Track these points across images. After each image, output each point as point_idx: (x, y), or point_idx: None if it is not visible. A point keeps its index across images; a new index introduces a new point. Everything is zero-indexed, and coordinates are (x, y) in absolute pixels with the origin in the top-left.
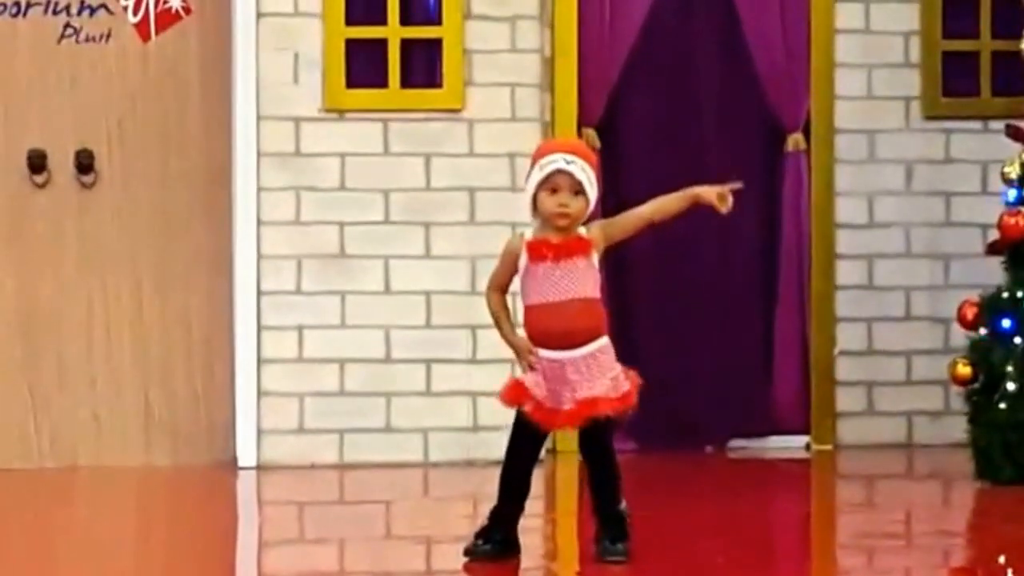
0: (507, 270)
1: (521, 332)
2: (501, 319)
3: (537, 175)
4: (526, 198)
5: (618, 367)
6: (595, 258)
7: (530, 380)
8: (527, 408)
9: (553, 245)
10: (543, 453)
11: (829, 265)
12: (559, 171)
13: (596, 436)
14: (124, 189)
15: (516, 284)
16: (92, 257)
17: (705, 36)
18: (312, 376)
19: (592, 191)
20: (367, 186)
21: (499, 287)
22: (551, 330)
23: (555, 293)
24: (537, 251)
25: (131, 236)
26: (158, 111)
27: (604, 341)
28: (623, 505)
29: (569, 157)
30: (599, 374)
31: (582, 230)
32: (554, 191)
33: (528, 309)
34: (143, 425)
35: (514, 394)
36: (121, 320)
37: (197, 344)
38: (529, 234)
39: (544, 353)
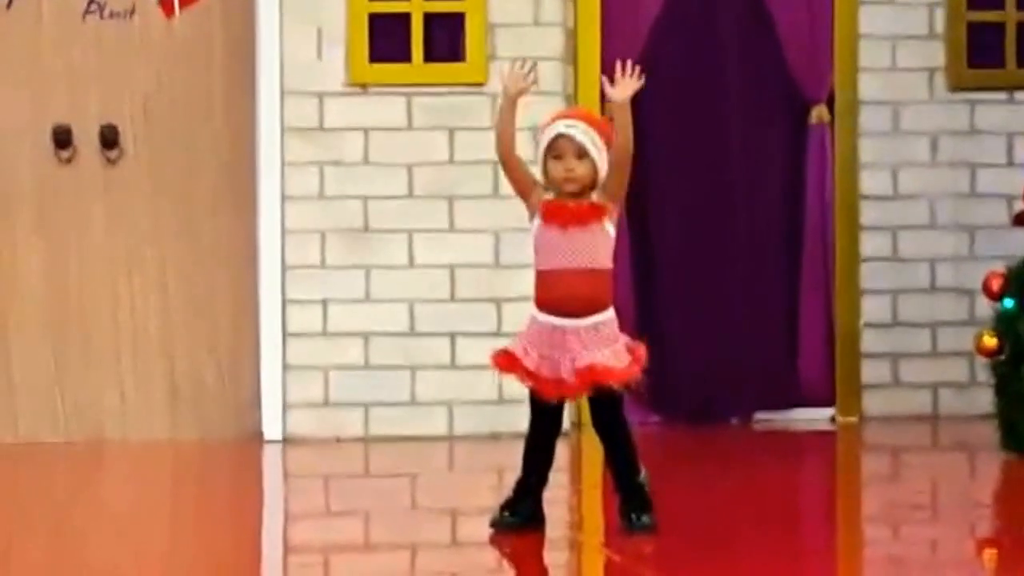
0: (525, 169)
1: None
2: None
3: (541, 144)
4: (538, 172)
5: (621, 339)
6: (609, 225)
7: (518, 348)
8: (519, 376)
9: (567, 210)
10: (567, 425)
11: (854, 237)
12: (560, 135)
13: (605, 410)
14: (149, 164)
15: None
16: (117, 231)
17: (729, 9)
18: (337, 350)
19: (599, 155)
20: (391, 160)
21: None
22: (557, 296)
23: (564, 259)
24: (551, 213)
25: (156, 211)
26: (182, 86)
27: (609, 314)
28: (642, 476)
29: (569, 122)
30: (600, 344)
31: (593, 196)
32: (558, 157)
33: (539, 274)
34: (169, 399)
35: (504, 361)
36: (147, 295)
37: (223, 318)
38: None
39: (547, 318)
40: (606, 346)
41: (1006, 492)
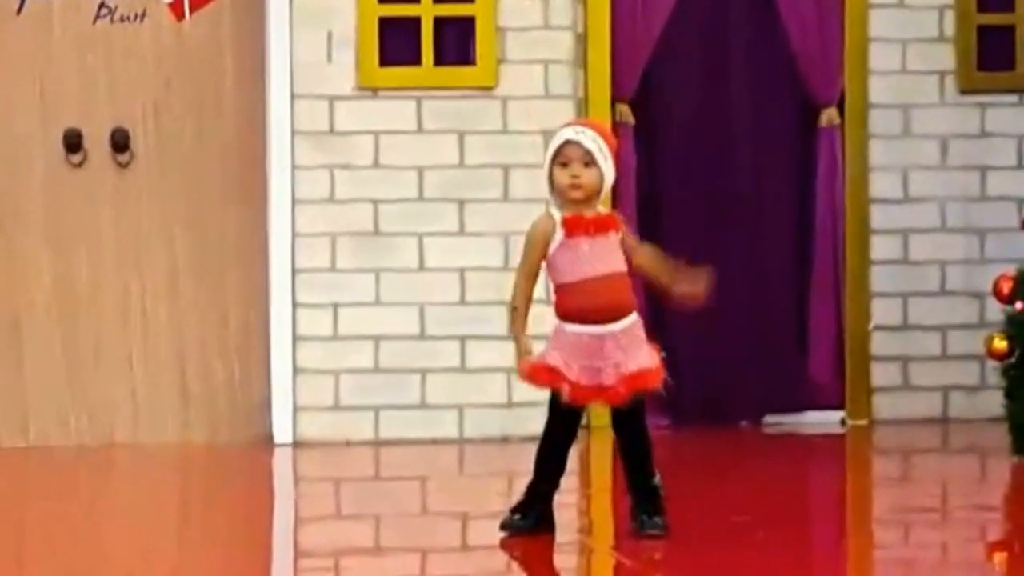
0: (539, 252)
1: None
2: (519, 313)
3: (549, 152)
4: (544, 180)
5: (648, 342)
6: (620, 235)
7: (559, 360)
8: (565, 390)
9: (589, 221)
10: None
11: (864, 240)
12: (568, 142)
13: (631, 411)
14: (159, 168)
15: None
16: (128, 235)
17: (739, 11)
18: (347, 353)
19: (606, 164)
20: (401, 164)
21: (532, 273)
22: (593, 305)
23: (596, 268)
24: (576, 226)
25: (167, 214)
26: (192, 90)
27: (635, 316)
28: (657, 479)
29: (578, 129)
30: (637, 347)
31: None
32: (565, 164)
33: (565, 287)
34: (180, 403)
35: (548, 377)
36: (157, 298)
37: (233, 322)
38: (556, 212)
39: (582, 329)
40: (641, 348)
41: (1016, 496)
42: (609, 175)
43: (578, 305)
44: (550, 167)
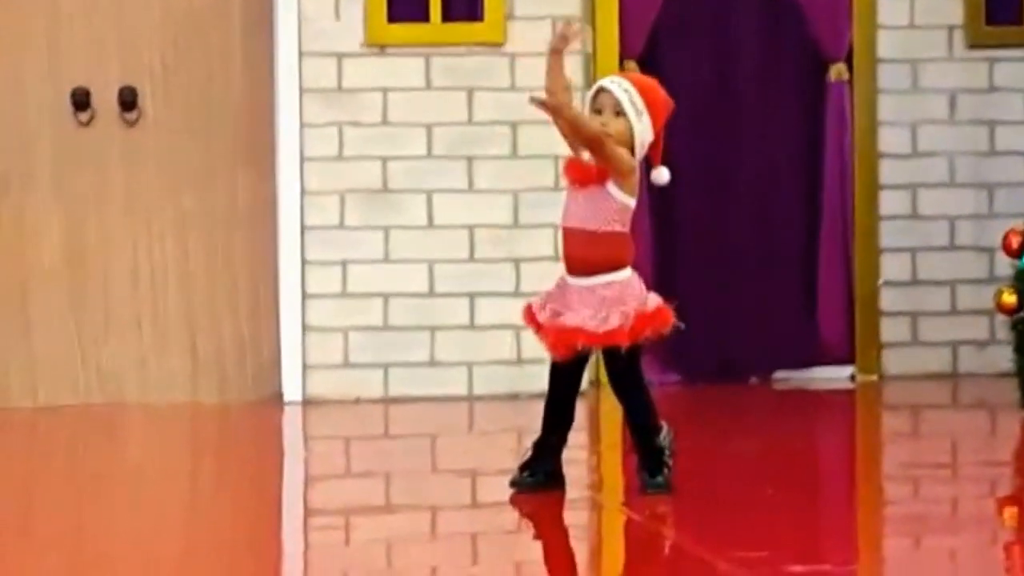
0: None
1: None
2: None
3: (588, 97)
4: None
5: (632, 303)
6: (613, 189)
7: (536, 303)
8: (532, 328)
9: (572, 167)
10: (585, 384)
11: (873, 195)
12: (602, 89)
13: (623, 369)
14: (168, 126)
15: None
16: (137, 193)
17: None
18: (356, 311)
19: (638, 118)
20: (409, 121)
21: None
22: (565, 253)
23: (568, 219)
24: (566, 171)
25: (175, 172)
26: (201, 48)
27: (612, 277)
28: (662, 436)
29: (614, 78)
30: (593, 306)
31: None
32: (598, 111)
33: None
34: (189, 361)
35: (526, 316)
36: (166, 257)
37: (242, 281)
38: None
39: (562, 275)
40: (601, 308)
41: None
42: (641, 130)
43: (563, 251)
44: (588, 113)
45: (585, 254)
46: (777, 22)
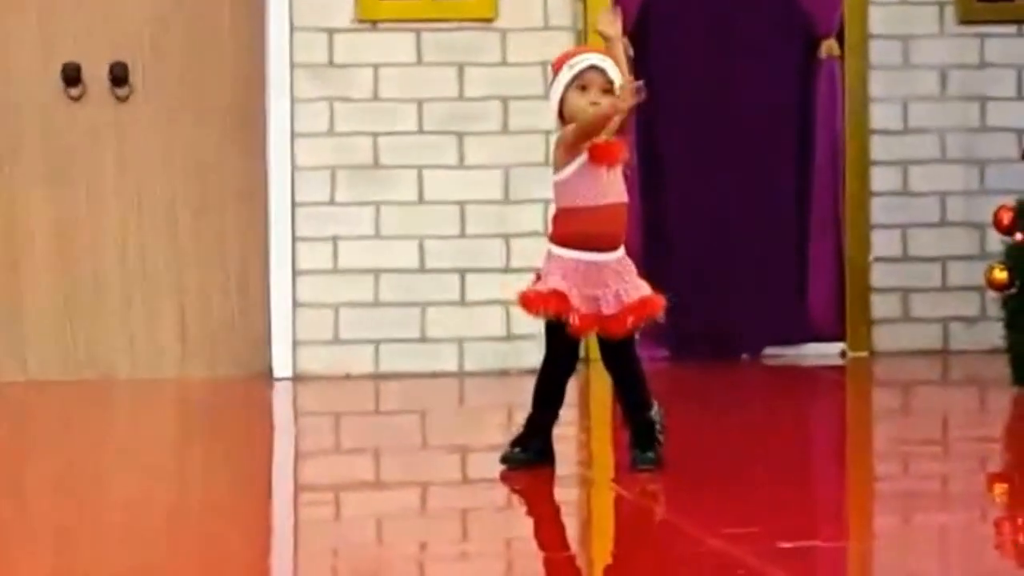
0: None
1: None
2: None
3: (567, 75)
4: (552, 103)
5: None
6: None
7: (564, 286)
8: (574, 317)
9: (614, 150)
10: None
11: (864, 172)
12: (592, 67)
13: (621, 345)
14: (158, 102)
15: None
16: (127, 169)
17: None
18: (347, 287)
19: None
20: (401, 96)
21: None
22: (598, 231)
23: (609, 196)
24: (602, 153)
25: (166, 148)
26: (191, 22)
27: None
28: (653, 411)
29: (599, 56)
30: (632, 277)
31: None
32: (584, 88)
33: (576, 211)
34: (179, 337)
35: (557, 304)
36: (156, 233)
37: (232, 256)
38: None
39: (581, 255)
40: (636, 277)
41: (1017, 427)
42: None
43: (583, 231)
44: (565, 91)
45: (622, 227)
46: None
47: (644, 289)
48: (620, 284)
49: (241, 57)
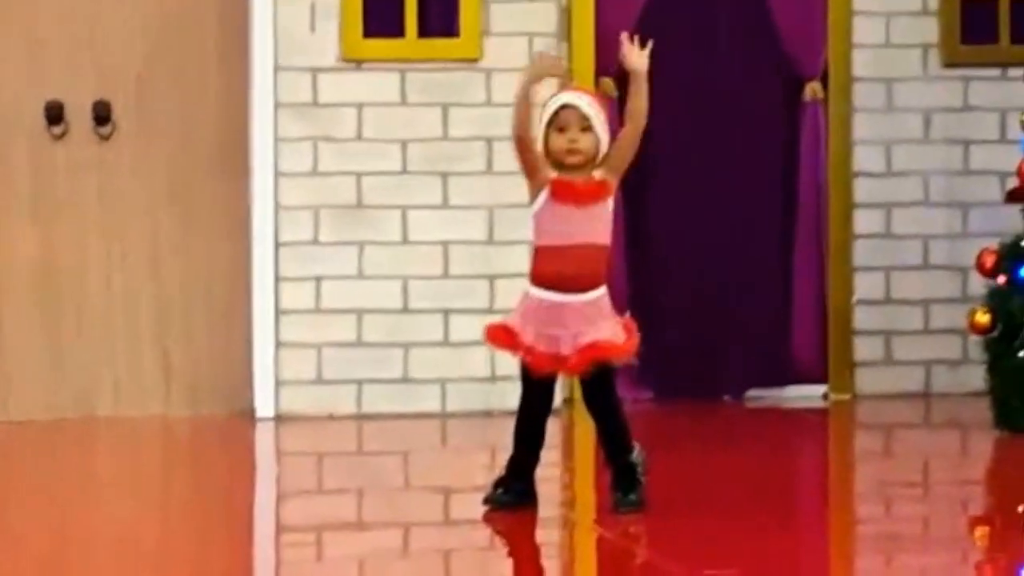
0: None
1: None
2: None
3: (544, 116)
4: (539, 146)
5: (615, 316)
6: (610, 202)
7: (516, 322)
8: (517, 351)
9: (578, 187)
10: (558, 402)
11: (847, 214)
12: (566, 106)
13: (599, 387)
14: (142, 140)
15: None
16: (110, 207)
17: None
18: (330, 327)
19: (602, 129)
20: (385, 136)
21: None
22: (560, 272)
23: (571, 236)
24: (562, 191)
25: (149, 187)
26: (175, 62)
27: (604, 290)
28: (634, 454)
29: (575, 94)
30: (600, 319)
31: (596, 174)
32: (562, 129)
33: (541, 249)
34: (162, 376)
35: (502, 336)
36: (139, 271)
37: (215, 295)
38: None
39: (545, 295)
40: (605, 321)
41: (998, 470)
42: (605, 142)
43: (549, 270)
44: (545, 132)
45: (593, 269)
46: (753, 40)
47: (607, 333)
48: (581, 327)
49: (225, 96)
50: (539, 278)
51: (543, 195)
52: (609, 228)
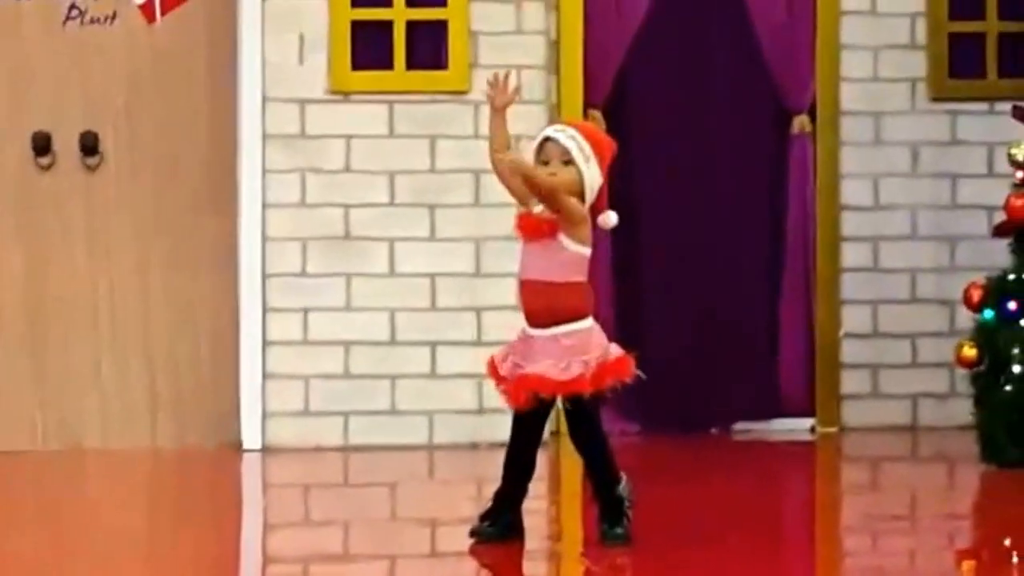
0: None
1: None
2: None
3: (533, 148)
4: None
5: (594, 352)
6: (566, 240)
7: (499, 355)
8: (494, 381)
9: (526, 222)
10: (546, 434)
11: (835, 247)
12: (547, 139)
13: (581, 420)
14: (129, 171)
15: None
16: (98, 239)
17: (711, 17)
18: (317, 358)
19: (587, 164)
20: (372, 168)
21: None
22: (525, 306)
23: (526, 270)
24: (518, 224)
25: (136, 218)
26: (163, 93)
27: (574, 326)
28: (621, 487)
29: (560, 127)
30: (556, 355)
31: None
32: (545, 162)
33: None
34: (149, 407)
35: (490, 369)
36: (127, 302)
37: (203, 326)
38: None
39: (524, 328)
40: (563, 357)
41: (985, 503)
42: (591, 176)
43: (521, 303)
44: (535, 164)
45: (547, 305)
46: (741, 73)
47: (545, 369)
48: (540, 359)
49: (213, 127)
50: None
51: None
52: (570, 267)
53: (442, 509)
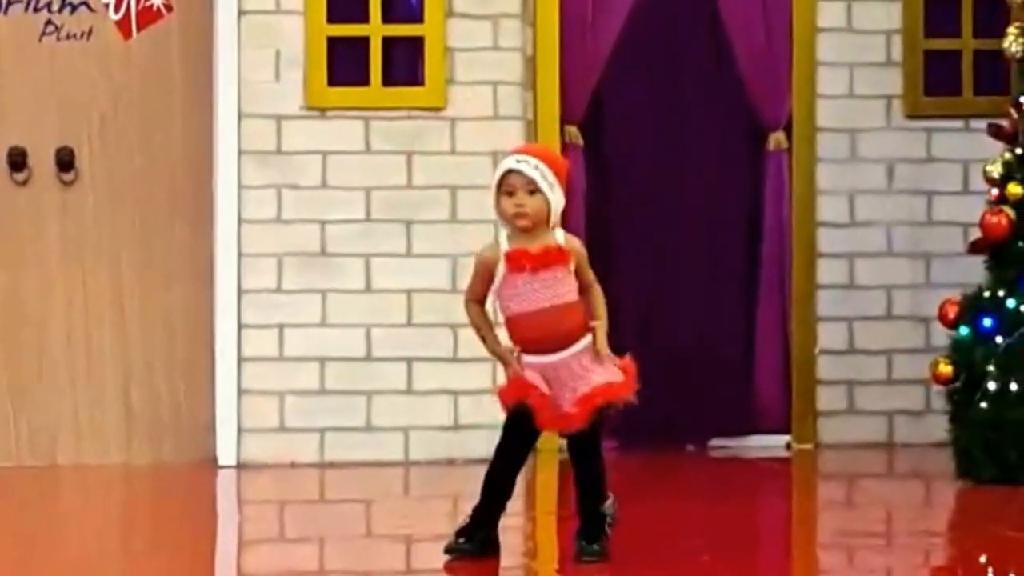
0: (483, 281)
1: (505, 339)
2: (484, 330)
3: (494, 181)
4: (492, 207)
5: (608, 359)
6: (572, 267)
7: (533, 377)
8: (533, 401)
9: (532, 256)
10: None
11: (810, 264)
12: (510, 171)
13: (589, 437)
14: (105, 187)
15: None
16: (73, 255)
17: (687, 35)
18: (293, 374)
19: (551, 190)
20: (348, 184)
21: (477, 299)
22: (536, 337)
23: (535, 303)
24: (516, 262)
25: (112, 234)
26: (139, 109)
27: (587, 340)
28: (607, 505)
29: (521, 157)
30: (596, 364)
31: (559, 235)
32: (510, 193)
33: (508, 319)
34: (123, 423)
35: (519, 388)
36: (102, 318)
37: (178, 342)
38: (504, 242)
39: (536, 359)
40: (598, 364)
41: (961, 520)
42: (555, 201)
43: (526, 337)
44: (496, 196)
45: (569, 327)
46: (717, 90)
47: (602, 376)
48: (575, 380)
49: (189, 143)
50: (521, 345)
51: (500, 270)
52: (572, 288)
53: (417, 525)
